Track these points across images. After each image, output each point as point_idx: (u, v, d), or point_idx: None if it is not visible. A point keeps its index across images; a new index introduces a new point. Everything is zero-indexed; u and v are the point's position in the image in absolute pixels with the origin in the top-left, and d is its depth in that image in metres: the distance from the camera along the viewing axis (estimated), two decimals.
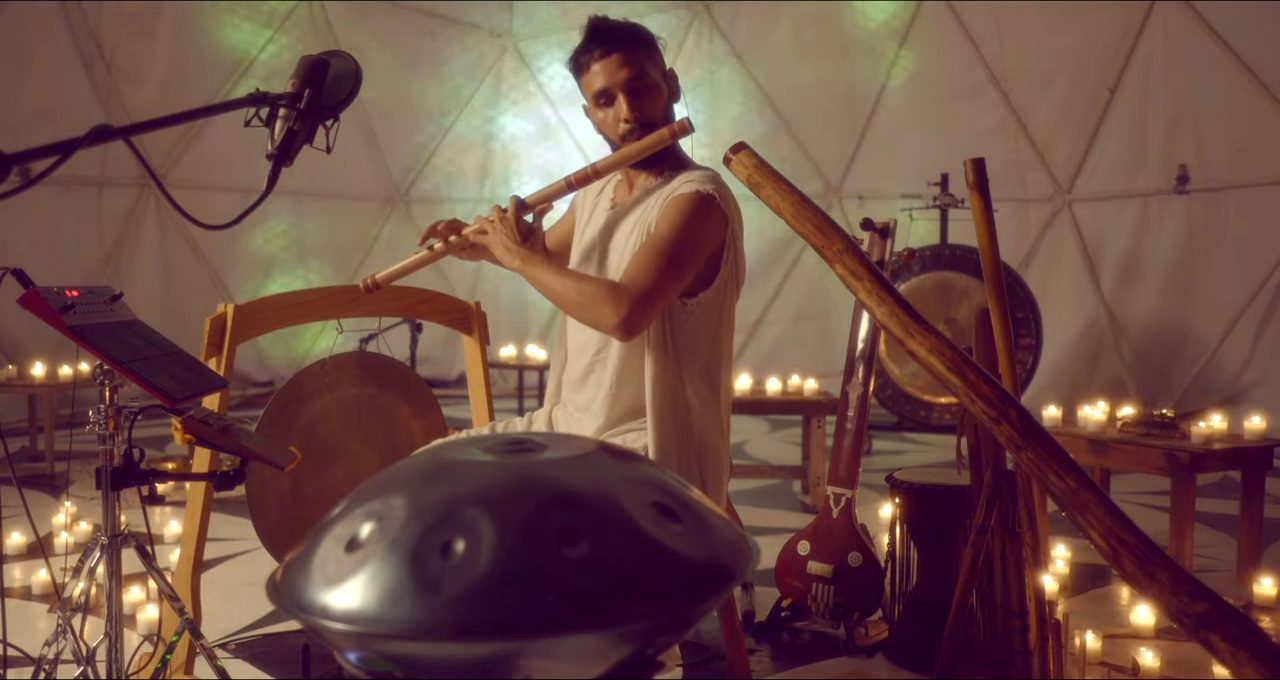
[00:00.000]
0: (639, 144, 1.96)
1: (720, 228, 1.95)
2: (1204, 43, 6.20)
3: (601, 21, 2.02)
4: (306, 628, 0.83)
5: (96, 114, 6.79)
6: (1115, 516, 1.19)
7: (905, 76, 7.72)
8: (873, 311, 1.48)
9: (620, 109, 1.98)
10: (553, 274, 1.92)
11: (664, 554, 0.82)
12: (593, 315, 1.86)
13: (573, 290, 1.88)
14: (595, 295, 1.85)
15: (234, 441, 1.72)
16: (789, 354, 8.18)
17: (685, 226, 1.90)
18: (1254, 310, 6.16)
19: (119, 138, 1.15)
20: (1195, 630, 1.09)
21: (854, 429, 2.87)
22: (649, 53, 2.01)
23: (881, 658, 2.64)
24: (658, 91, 2.00)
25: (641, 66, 1.98)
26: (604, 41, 1.98)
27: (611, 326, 1.84)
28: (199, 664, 2.19)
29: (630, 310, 1.81)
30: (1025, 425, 1.29)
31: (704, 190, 1.93)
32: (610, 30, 2.00)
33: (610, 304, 1.82)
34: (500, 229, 1.98)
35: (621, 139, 2.00)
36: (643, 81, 1.98)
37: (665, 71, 2.05)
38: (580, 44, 2.02)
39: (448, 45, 8.57)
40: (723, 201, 1.95)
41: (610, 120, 2.01)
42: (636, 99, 1.97)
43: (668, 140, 1.95)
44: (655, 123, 1.99)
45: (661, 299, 1.87)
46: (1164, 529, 3.43)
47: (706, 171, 2.01)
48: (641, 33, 2.03)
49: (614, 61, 1.97)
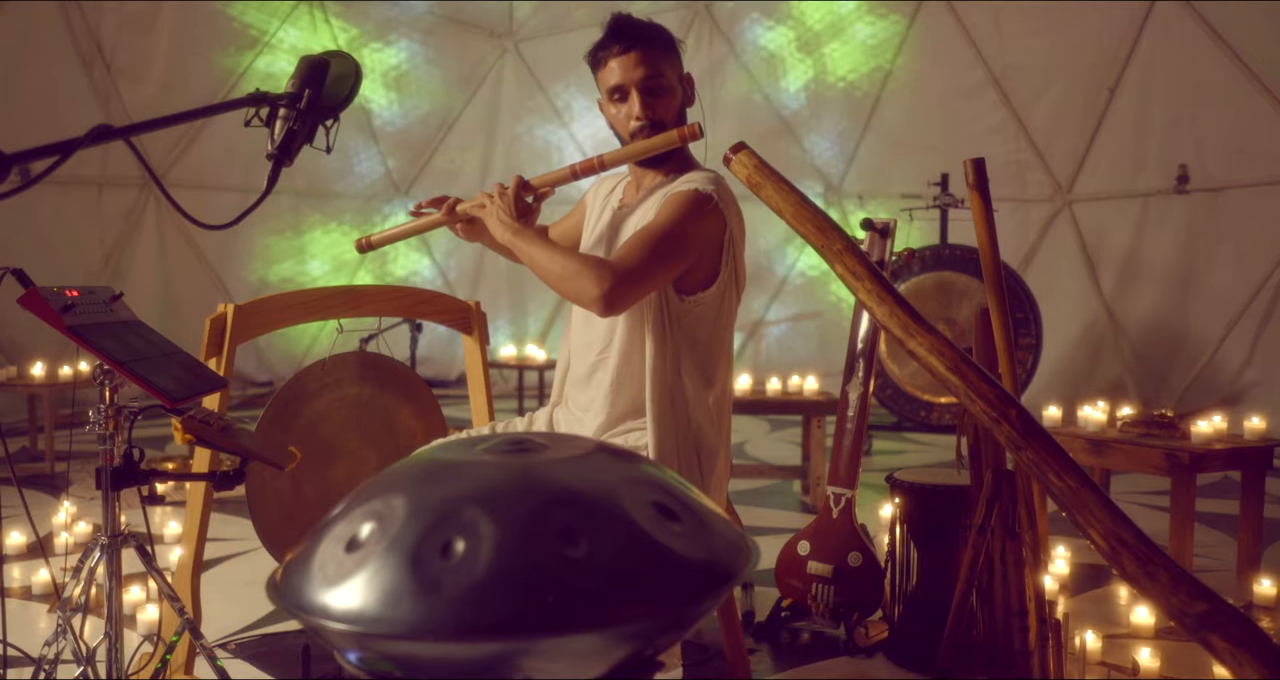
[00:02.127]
0: (648, 142, 1.98)
1: (717, 228, 1.96)
2: (1204, 43, 6.20)
3: (624, 19, 2.03)
4: (306, 628, 0.83)
5: (96, 114, 6.79)
6: (1115, 516, 1.19)
7: (905, 76, 7.72)
8: (873, 311, 1.47)
9: (633, 107, 2.00)
10: (541, 248, 1.94)
11: (664, 554, 0.82)
12: (575, 286, 1.86)
13: (558, 263, 1.90)
14: (580, 269, 1.85)
15: (234, 441, 1.72)
16: (789, 354, 8.19)
17: (679, 219, 1.91)
18: (1254, 310, 6.16)
19: (119, 138, 1.15)
20: (1195, 630, 1.09)
21: (854, 429, 2.87)
22: (667, 54, 2.03)
23: (881, 658, 2.64)
24: (671, 93, 2.02)
25: (658, 67, 1.99)
26: (624, 38, 2.00)
27: (592, 299, 1.83)
28: (199, 664, 2.19)
29: (613, 285, 1.81)
30: (1025, 425, 1.29)
31: (704, 189, 1.94)
32: (632, 28, 2.02)
33: (593, 277, 1.82)
34: (498, 203, 2.01)
35: (631, 136, 2.02)
36: (657, 82, 1.99)
37: (682, 75, 2.06)
38: (600, 39, 2.04)
39: (448, 45, 8.57)
40: (722, 203, 1.95)
41: (622, 117, 2.03)
42: (650, 98, 1.99)
43: (676, 143, 1.97)
44: (666, 123, 2.00)
45: (645, 281, 1.87)
46: (1164, 529, 3.42)
47: (710, 173, 2.03)
48: (663, 34, 2.05)
49: (631, 59, 1.98)
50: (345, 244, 8.46)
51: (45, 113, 6.49)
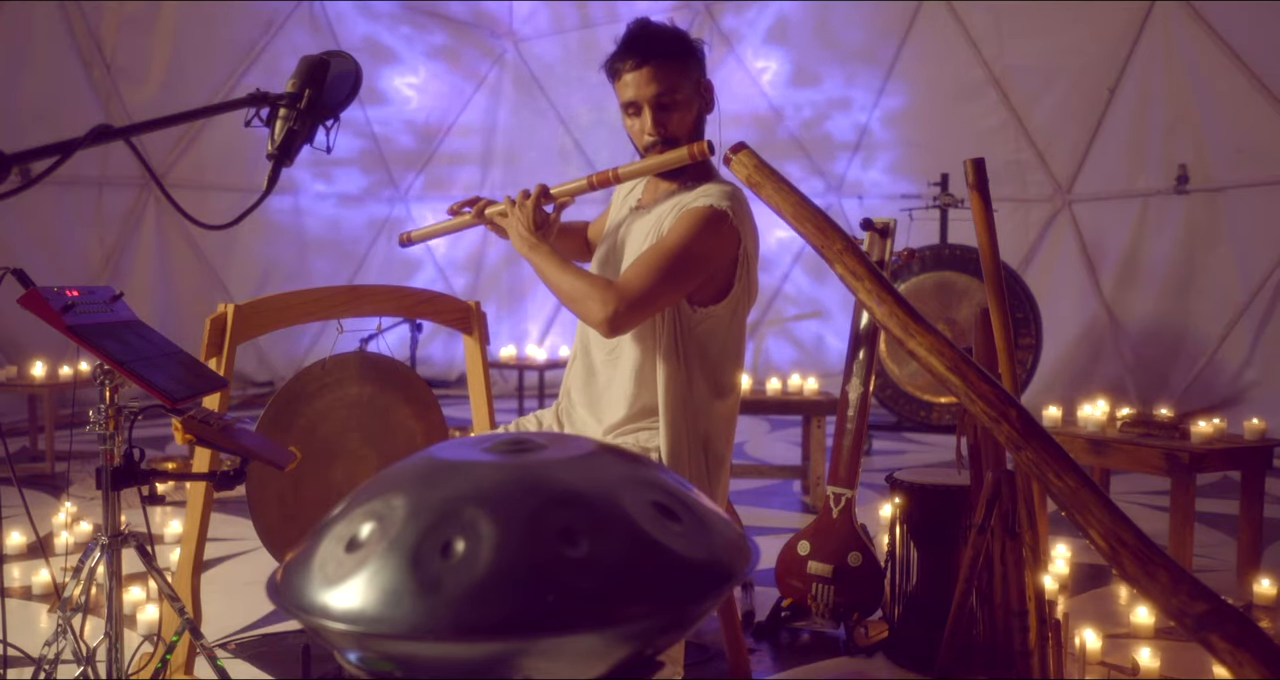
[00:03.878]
0: (659, 159, 1.99)
1: (731, 244, 1.96)
2: (1204, 43, 6.20)
3: (641, 28, 2.01)
4: (306, 628, 0.83)
5: (96, 114, 6.79)
6: (1115, 516, 1.19)
7: (905, 76, 7.72)
8: (873, 311, 1.47)
9: (645, 122, 2.00)
10: (555, 266, 1.96)
11: (664, 554, 0.82)
12: (582, 309, 1.89)
13: (568, 283, 1.92)
14: (587, 291, 1.88)
15: (234, 441, 1.72)
16: (788, 354, 8.19)
17: (691, 238, 1.91)
18: (1254, 310, 6.15)
19: (119, 138, 1.15)
20: (1195, 630, 1.09)
21: (854, 429, 2.87)
22: (684, 65, 2.00)
23: (881, 658, 2.64)
24: (686, 107, 2.01)
25: (672, 83, 1.97)
26: (638, 53, 1.97)
27: (598, 322, 1.87)
28: (199, 664, 2.19)
29: (617, 310, 1.84)
30: (1025, 425, 1.29)
31: (719, 206, 1.94)
32: (648, 39, 1.99)
33: (599, 301, 1.85)
34: (518, 214, 2.01)
35: (645, 150, 2.03)
36: (671, 98, 1.98)
37: (700, 82, 2.04)
38: (616, 50, 2.02)
39: (448, 45, 8.57)
40: (736, 219, 1.95)
41: (636, 130, 2.03)
42: (662, 114, 1.99)
43: (685, 160, 1.97)
44: (679, 138, 2.00)
45: (652, 304, 1.89)
46: (1164, 529, 3.42)
47: (727, 187, 2.01)
48: (680, 43, 2.01)
49: (645, 75, 1.97)
50: (346, 243, 8.46)
51: (45, 113, 6.48)
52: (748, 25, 8.19)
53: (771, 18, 8.07)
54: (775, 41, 8.13)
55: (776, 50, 8.14)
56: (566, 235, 2.37)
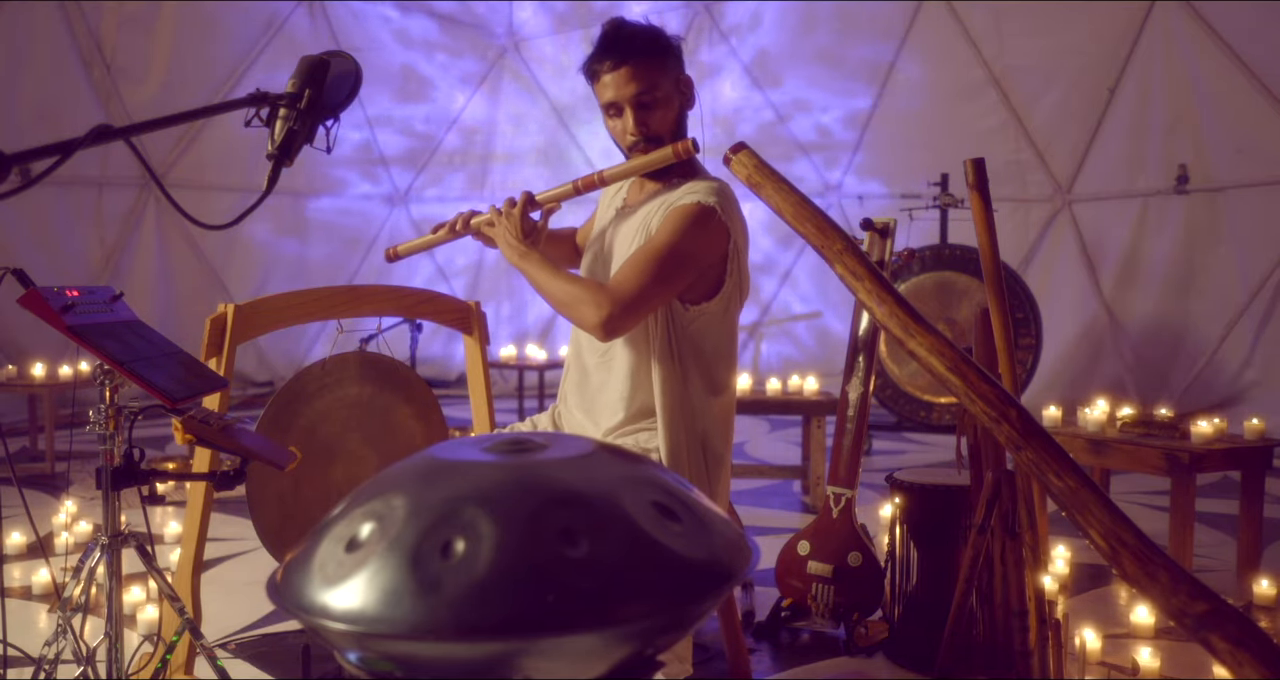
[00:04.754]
0: (643, 159, 1.99)
1: (720, 240, 1.96)
2: (1204, 43, 6.20)
3: (616, 28, 2.00)
4: (306, 628, 0.83)
5: (96, 114, 6.79)
6: (1115, 516, 1.19)
7: (905, 76, 7.72)
8: (873, 311, 1.47)
9: (627, 122, 2.00)
10: (546, 273, 1.96)
11: (664, 554, 0.82)
12: (576, 314, 1.90)
13: (560, 289, 1.92)
14: (580, 296, 1.88)
15: (234, 441, 1.72)
16: (788, 354, 8.19)
17: (680, 236, 1.91)
18: (1254, 310, 6.15)
19: (119, 138, 1.15)
20: (1195, 630, 1.09)
21: (854, 429, 2.87)
22: (662, 63, 1.99)
23: (881, 658, 2.64)
24: (667, 105, 2.00)
25: (651, 81, 1.97)
26: (615, 53, 1.97)
27: (593, 326, 1.87)
28: (199, 664, 2.19)
29: (611, 313, 1.84)
30: (1025, 425, 1.29)
31: (706, 202, 1.93)
32: (624, 39, 1.98)
33: (593, 305, 1.85)
34: (505, 223, 2.01)
35: (629, 150, 2.03)
36: (651, 96, 1.98)
37: (680, 79, 2.03)
38: (593, 50, 2.02)
39: (447, 45, 8.57)
40: (725, 214, 1.94)
41: (619, 131, 2.03)
42: (644, 113, 1.99)
43: (670, 160, 1.97)
44: (662, 137, 2.00)
45: (645, 305, 1.89)
46: (1164, 529, 3.42)
47: (713, 183, 2.01)
48: (657, 41, 2.00)
49: (623, 75, 1.97)
50: (346, 244, 8.46)
51: (45, 113, 6.48)
52: (747, 25, 8.19)
53: (771, 17, 8.07)
54: (775, 41, 8.13)
55: (776, 50, 8.13)
56: (555, 241, 2.34)
